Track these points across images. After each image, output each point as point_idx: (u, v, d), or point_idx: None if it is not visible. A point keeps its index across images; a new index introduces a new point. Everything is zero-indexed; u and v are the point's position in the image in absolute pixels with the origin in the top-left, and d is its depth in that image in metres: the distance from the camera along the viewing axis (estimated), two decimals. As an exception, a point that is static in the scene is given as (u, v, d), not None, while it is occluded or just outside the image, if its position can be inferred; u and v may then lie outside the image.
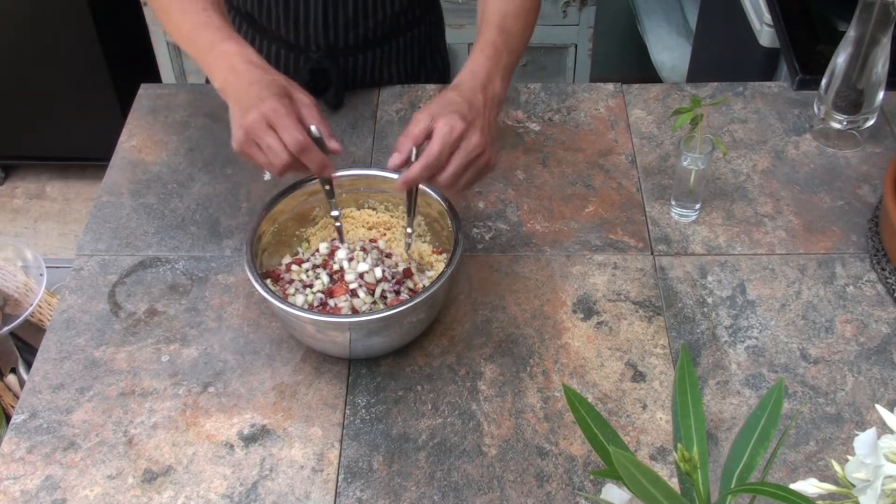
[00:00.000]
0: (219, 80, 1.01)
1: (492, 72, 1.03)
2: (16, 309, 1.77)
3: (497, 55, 1.04)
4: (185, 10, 1.05)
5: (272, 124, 0.94)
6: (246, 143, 0.96)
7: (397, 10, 1.30)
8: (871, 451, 0.60)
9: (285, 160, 0.95)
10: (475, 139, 0.97)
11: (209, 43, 1.02)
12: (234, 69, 0.99)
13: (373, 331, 0.97)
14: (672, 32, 2.45)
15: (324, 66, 1.28)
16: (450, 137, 0.96)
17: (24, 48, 2.28)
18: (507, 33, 1.07)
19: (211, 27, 1.03)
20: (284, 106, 0.95)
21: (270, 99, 0.95)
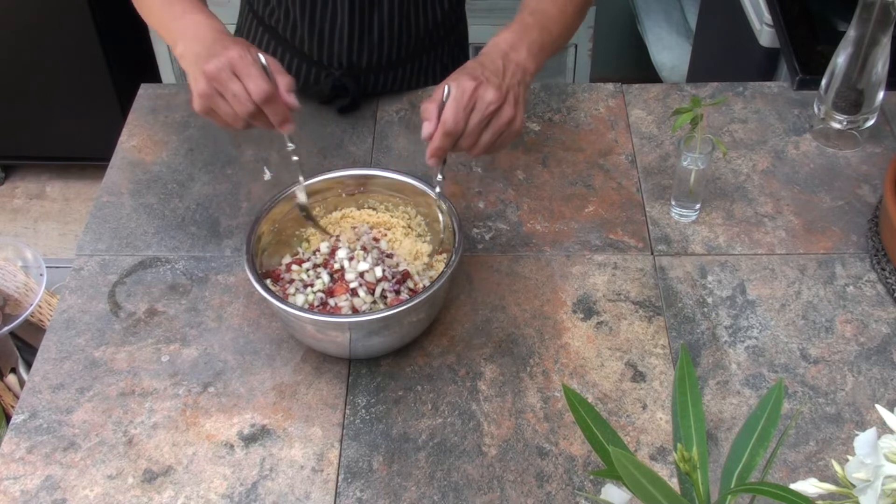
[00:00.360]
0: (180, 47, 1.00)
1: (516, 42, 1.01)
2: (16, 309, 1.77)
3: (524, 30, 1.03)
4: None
5: (237, 72, 0.93)
6: (209, 93, 0.94)
7: (422, 33, 1.29)
8: (871, 451, 0.60)
9: (250, 109, 0.94)
10: (489, 95, 0.95)
11: (178, 13, 1.02)
12: (197, 35, 0.98)
13: (373, 331, 0.97)
14: (672, 32, 2.45)
15: (345, 84, 1.28)
16: (462, 99, 0.94)
17: (24, 48, 2.28)
18: (541, 13, 1.06)
19: (184, 1, 1.03)
20: (251, 54, 0.94)
21: (235, 47, 0.94)
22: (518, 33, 1.03)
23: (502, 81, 0.97)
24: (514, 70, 0.99)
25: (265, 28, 1.31)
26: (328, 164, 1.24)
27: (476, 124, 0.96)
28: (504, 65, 0.99)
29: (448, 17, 1.32)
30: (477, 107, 0.95)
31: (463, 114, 0.94)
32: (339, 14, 1.23)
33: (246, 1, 1.34)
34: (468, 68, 0.97)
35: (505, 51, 1.00)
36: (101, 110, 2.38)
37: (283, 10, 1.25)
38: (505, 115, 0.97)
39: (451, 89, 0.94)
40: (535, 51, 1.02)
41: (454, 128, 0.94)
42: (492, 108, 0.95)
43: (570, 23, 1.09)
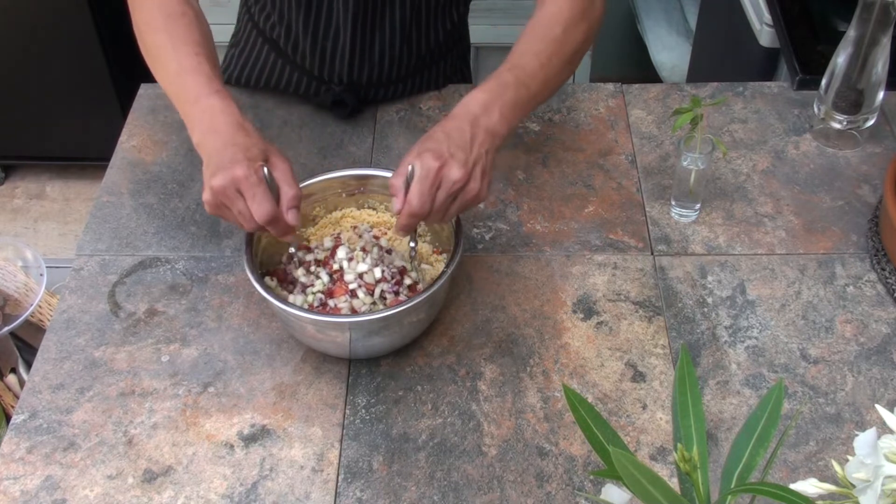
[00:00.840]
0: (196, 136, 0.98)
1: (488, 104, 0.98)
2: (16, 309, 1.77)
3: (500, 89, 1.00)
4: (177, 49, 1.01)
5: (242, 192, 0.92)
6: (215, 204, 0.94)
7: (423, 51, 1.29)
8: (871, 451, 0.60)
9: (253, 226, 0.94)
10: (454, 174, 0.93)
11: (195, 94, 0.99)
12: (214, 127, 0.96)
13: (373, 331, 0.97)
14: (672, 32, 2.45)
15: (345, 99, 1.28)
16: (426, 181, 0.93)
17: (24, 48, 2.28)
18: (521, 68, 1.02)
19: (200, 75, 0.99)
20: (256, 173, 0.92)
21: (242, 164, 0.92)
22: (493, 93, 1.00)
23: (468, 156, 0.95)
24: (483, 139, 0.97)
25: (265, 40, 1.31)
26: (328, 164, 1.24)
27: (441, 203, 0.95)
28: (472, 134, 0.96)
29: (450, 35, 1.32)
30: (442, 186, 0.94)
31: (428, 195, 0.93)
32: (341, 33, 1.22)
33: (246, 12, 1.33)
34: (434, 141, 0.95)
35: (476, 115, 0.98)
36: (101, 110, 2.38)
37: (285, 27, 1.25)
38: (470, 190, 0.95)
39: (416, 169, 0.93)
40: (507, 113, 0.99)
41: (420, 210, 0.93)
42: (457, 187, 0.94)
43: (552, 77, 1.06)
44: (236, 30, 1.38)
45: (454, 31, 1.32)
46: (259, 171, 0.93)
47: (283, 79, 1.30)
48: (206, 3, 1.12)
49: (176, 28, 1.03)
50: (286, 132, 1.29)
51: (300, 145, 1.27)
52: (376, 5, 1.20)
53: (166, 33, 1.03)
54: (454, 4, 1.28)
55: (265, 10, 1.27)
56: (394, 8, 1.21)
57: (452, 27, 1.30)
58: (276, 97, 1.33)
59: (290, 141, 1.28)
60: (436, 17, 1.27)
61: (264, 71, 1.31)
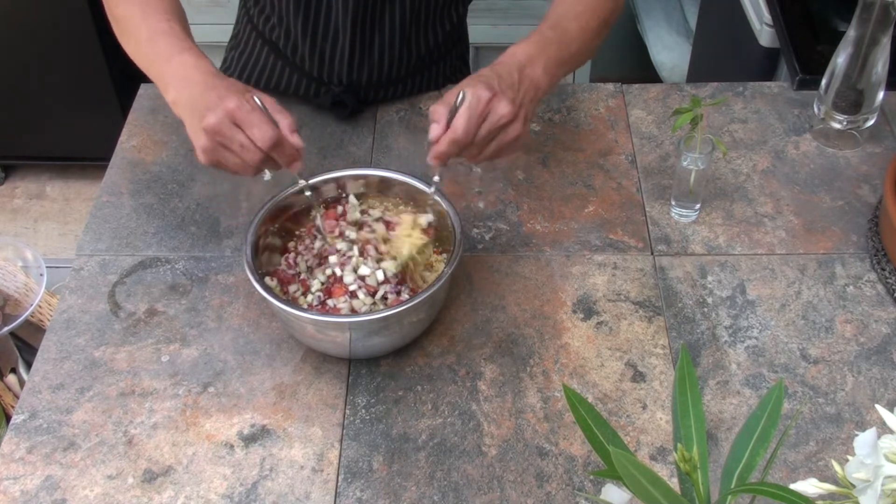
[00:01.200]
0: (172, 93, 0.97)
1: (533, 56, 0.99)
2: (16, 309, 1.77)
3: (544, 44, 1.01)
4: (147, 17, 1.01)
5: (238, 122, 0.91)
6: (212, 147, 0.92)
7: (423, 52, 1.29)
8: (871, 451, 0.60)
9: (259, 157, 0.92)
10: (502, 108, 0.94)
11: (166, 53, 0.98)
12: (188, 79, 0.95)
13: (373, 331, 0.97)
14: (672, 32, 2.45)
15: (344, 101, 1.28)
16: (476, 108, 0.93)
17: (24, 48, 2.28)
18: (562, 29, 1.04)
19: (171, 36, 0.99)
20: (248, 101, 0.92)
21: (232, 97, 0.92)
22: (537, 46, 1.01)
23: (516, 96, 0.96)
24: (529, 86, 0.98)
25: (264, 41, 1.31)
26: (328, 164, 1.24)
27: (485, 135, 0.95)
28: (519, 79, 0.97)
29: (450, 36, 1.32)
30: (489, 118, 0.94)
31: (475, 124, 0.93)
32: (340, 35, 1.22)
33: (245, 14, 1.33)
34: (484, 76, 0.96)
35: (522, 64, 0.99)
36: (101, 110, 2.38)
37: (284, 29, 1.25)
38: (513, 130, 0.96)
39: (467, 96, 0.93)
40: (551, 67, 1.00)
41: (464, 137, 0.93)
42: (503, 122, 0.94)
43: (589, 40, 1.07)
44: (235, 31, 1.38)
45: (453, 32, 1.32)
46: (251, 100, 0.93)
47: (282, 80, 1.30)
48: (206, 3, 1.12)
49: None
50: (286, 132, 1.29)
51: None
52: (375, 7, 1.20)
53: (136, 4, 1.03)
54: (453, 5, 1.28)
55: (264, 13, 1.27)
56: (393, 9, 1.21)
57: (452, 27, 1.30)
58: (275, 97, 1.33)
59: (290, 141, 1.28)
60: (435, 17, 1.27)
61: (264, 72, 1.31)
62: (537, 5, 2.27)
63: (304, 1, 1.20)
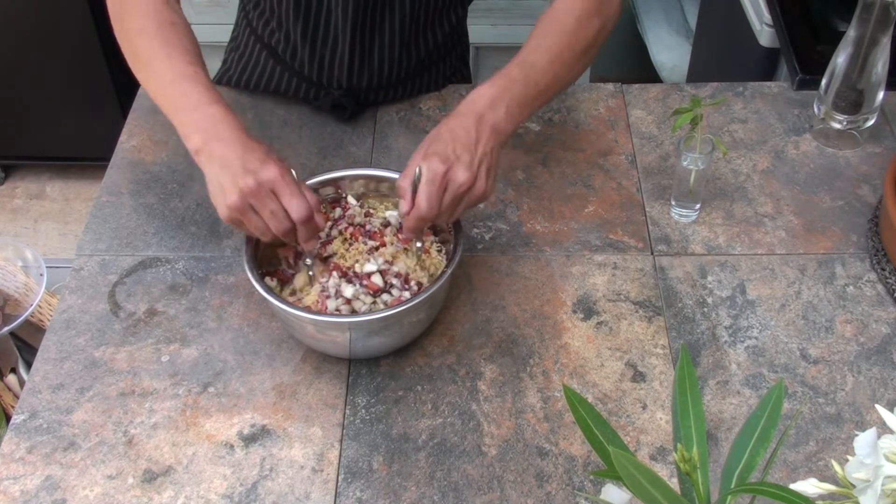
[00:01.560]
0: (196, 142, 0.96)
1: (496, 101, 0.98)
2: (16, 309, 1.77)
3: (508, 85, 1.00)
4: (172, 57, 1.00)
5: (276, 191, 0.92)
6: (241, 207, 0.92)
7: (423, 55, 1.29)
8: (871, 451, 0.60)
9: (287, 228, 0.93)
10: (460, 177, 0.94)
11: (195, 101, 0.97)
12: (217, 134, 0.95)
13: (373, 331, 0.97)
14: (672, 32, 2.45)
15: (344, 104, 1.28)
16: (433, 185, 0.93)
17: (25, 48, 2.28)
18: (530, 65, 1.02)
19: (199, 84, 0.98)
20: (289, 174, 0.93)
21: (274, 165, 0.92)
22: (500, 89, 1.00)
23: (473, 157, 0.95)
24: (489, 137, 0.97)
25: (263, 46, 1.30)
26: (328, 164, 1.24)
27: (449, 205, 0.95)
28: (477, 133, 0.96)
29: (449, 37, 1.31)
30: (449, 188, 0.94)
31: (436, 199, 0.94)
32: (339, 40, 1.22)
33: (244, 17, 1.33)
34: (440, 143, 0.95)
35: (481, 113, 0.98)
36: (101, 110, 2.38)
37: (284, 33, 1.25)
38: (477, 191, 0.96)
39: (423, 172, 0.94)
40: (513, 109, 0.99)
41: (428, 213, 0.94)
42: (463, 189, 0.95)
43: (562, 73, 1.05)
44: (235, 33, 1.38)
45: (453, 33, 1.32)
46: (290, 172, 0.93)
47: (282, 83, 1.30)
48: (206, 3, 1.12)
49: (169, 35, 1.02)
50: (286, 132, 1.29)
51: (300, 145, 1.27)
52: (374, 12, 1.20)
53: (158, 39, 1.02)
54: (452, 7, 1.27)
55: (263, 17, 1.27)
56: (392, 14, 1.21)
57: (451, 29, 1.30)
58: (275, 99, 1.33)
59: (290, 141, 1.28)
60: (434, 20, 1.27)
61: (263, 75, 1.31)
62: (537, 5, 2.27)
63: (303, 6, 1.20)
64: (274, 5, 1.22)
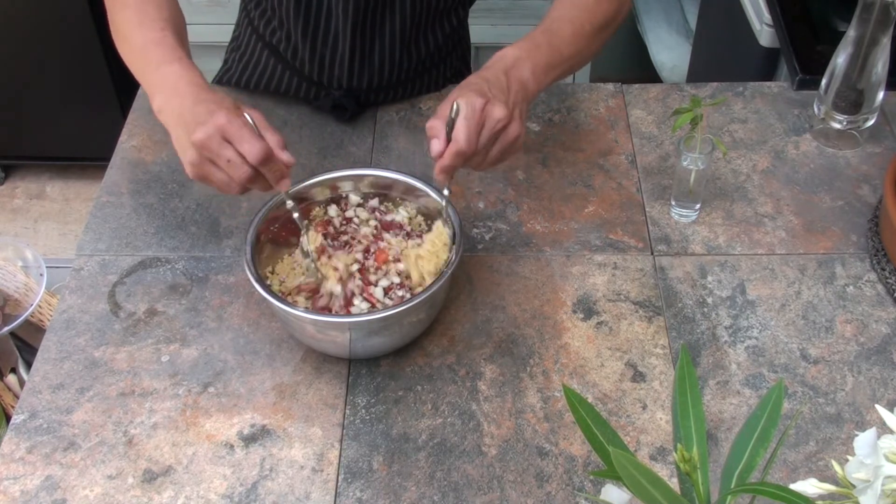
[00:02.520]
0: (158, 101, 0.95)
1: (520, 59, 1.00)
2: (16, 309, 1.77)
3: (532, 48, 1.01)
4: (143, 25, 1.01)
5: (228, 137, 0.90)
6: (200, 161, 0.91)
7: (423, 55, 1.29)
8: (871, 451, 0.60)
9: (247, 173, 0.91)
10: (497, 112, 0.94)
11: (156, 61, 0.97)
12: (176, 90, 0.94)
13: (373, 331, 0.97)
14: (672, 32, 2.45)
15: (344, 104, 1.28)
16: (473, 117, 0.93)
17: (25, 48, 2.28)
18: (553, 32, 1.03)
19: (163, 46, 0.98)
20: (239, 117, 0.91)
21: (222, 112, 0.90)
22: (525, 51, 1.01)
23: (508, 97, 0.96)
24: (517, 87, 0.98)
25: (264, 44, 1.30)
26: (328, 164, 1.24)
27: (486, 141, 0.95)
28: (508, 81, 0.97)
29: (450, 38, 1.31)
30: (486, 124, 0.94)
31: (475, 132, 0.93)
32: (339, 41, 1.22)
33: (245, 16, 1.33)
34: (473, 85, 0.96)
35: (508, 66, 0.99)
36: (101, 110, 2.38)
37: (285, 33, 1.25)
38: (512, 131, 0.96)
39: (461, 107, 0.93)
40: (539, 71, 1.01)
41: (467, 147, 0.93)
42: (500, 126, 0.95)
43: (584, 45, 1.06)
44: (236, 33, 1.38)
45: (454, 35, 1.32)
46: (241, 116, 0.92)
47: (282, 83, 1.30)
48: (206, 3, 1.12)
49: (145, 6, 1.02)
50: (286, 132, 1.29)
51: (300, 145, 1.27)
52: (375, 13, 1.20)
53: (134, 10, 1.03)
54: (453, 8, 1.28)
55: (265, 16, 1.27)
56: (393, 15, 1.21)
57: (452, 30, 1.30)
58: (275, 99, 1.33)
59: (290, 141, 1.28)
60: (435, 21, 1.27)
61: (264, 75, 1.31)
62: (537, 5, 2.27)
63: (304, 6, 1.20)
64: (275, 5, 1.22)
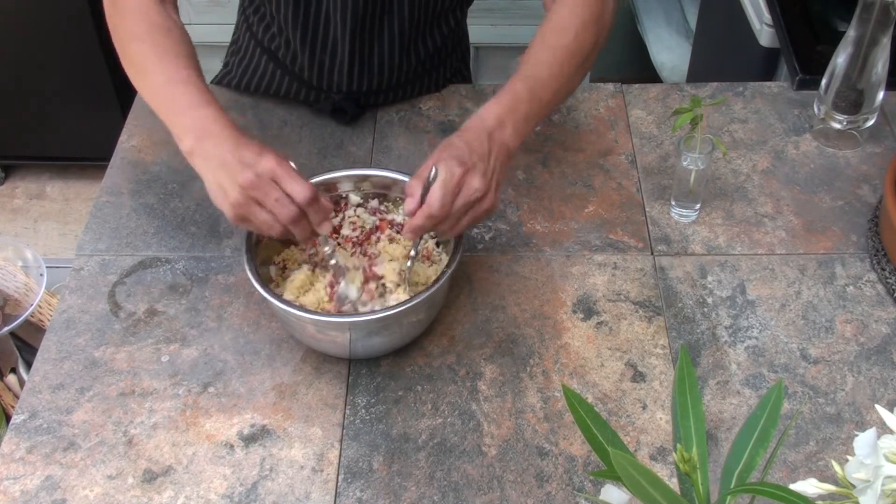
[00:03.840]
0: (188, 143, 0.96)
1: (503, 119, 0.99)
2: (16, 309, 1.77)
3: (514, 103, 1.00)
4: (164, 61, 1.00)
5: (277, 178, 0.91)
6: (245, 202, 0.92)
7: (423, 58, 1.29)
8: (871, 452, 0.60)
9: (294, 212, 0.91)
10: (475, 183, 0.94)
11: (187, 103, 0.97)
12: (210, 133, 0.94)
13: (373, 331, 0.97)
14: (672, 32, 2.45)
15: (344, 108, 1.28)
16: (450, 183, 0.93)
17: (25, 48, 2.28)
18: (533, 79, 1.03)
19: (192, 86, 0.98)
20: (286, 162, 0.92)
21: (270, 155, 0.91)
22: (506, 108, 1.00)
23: (487, 167, 0.96)
24: (499, 152, 0.97)
25: (263, 50, 1.30)
26: (328, 165, 1.24)
27: (459, 210, 0.95)
28: (490, 146, 0.97)
29: (449, 39, 1.31)
30: (462, 193, 0.94)
31: (449, 199, 0.93)
32: (338, 47, 1.22)
33: (244, 21, 1.33)
34: (456, 149, 0.95)
35: (491, 129, 0.98)
36: (101, 110, 2.38)
37: (284, 39, 1.25)
38: (486, 203, 0.96)
39: (440, 172, 0.93)
40: (520, 127, 1.00)
41: (440, 212, 0.93)
42: (476, 196, 0.94)
43: (563, 85, 1.06)
44: (235, 36, 1.38)
45: (453, 35, 1.32)
46: (287, 161, 0.93)
47: (282, 87, 1.30)
48: (206, 3, 1.12)
49: (162, 40, 1.02)
50: (286, 132, 1.29)
51: (300, 145, 1.27)
52: (373, 18, 1.20)
53: (151, 44, 1.01)
54: (451, 10, 1.27)
55: (264, 21, 1.27)
56: (391, 19, 1.21)
57: (450, 32, 1.30)
58: (275, 102, 1.33)
59: (290, 141, 1.28)
60: (433, 24, 1.26)
61: (264, 78, 1.31)
62: (537, 5, 2.25)
63: (302, 13, 1.19)
64: (273, 11, 1.22)
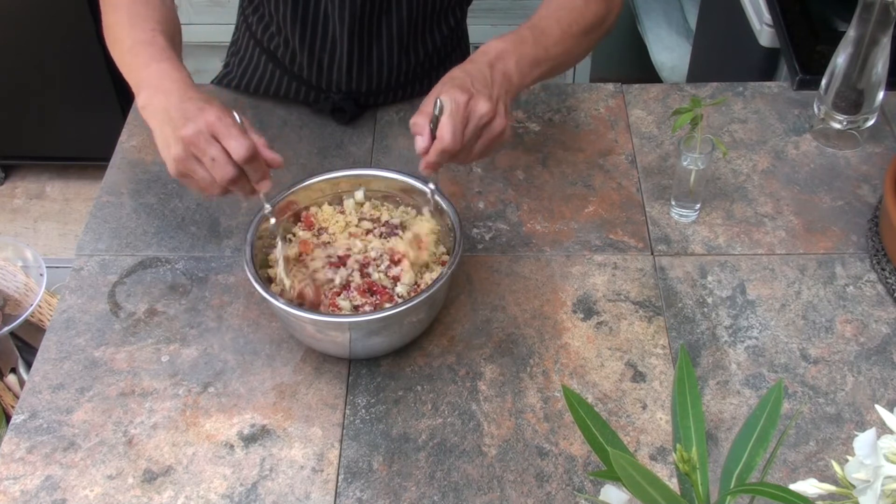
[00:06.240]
0: (142, 97, 0.95)
1: (505, 52, 0.99)
2: (16, 309, 1.77)
3: (518, 41, 1.01)
4: (134, 26, 1.01)
5: (216, 134, 0.89)
6: (185, 157, 0.90)
7: (422, 58, 1.29)
8: (870, 452, 0.60)
9: (231, 173, 0.90)
10: (481, 107, 0.93)
11: (145, 60, 0.97)
12: (161, 86, 0.94)
13: (373, 331, 0.97)
14: (672, 32, 2.45)
15: (344, 108, 1.28)
16: (457, 113, 0.92)
17: (25, 48, 2.28)
18: (540, 30, 1.03)
19: (154, 46, 0.98)
20: (228, 115, 0.90)
21: (212, 109, 0.90)
22: (510, 44, 1.01)
23: (492, 91, 0.96)
24: (501, 80, 0.97)
25: (262, 50, 1.30)
26: (328, 165, 1.24)
27: (471, 137, 0.94)
28: (491, 74, 0.97)
29: (449, 39, 1.31)
30: (471, 120, 0.94)
31: (459, 129, 0.93)
32: (337, 46, 1.22)
33: (244, 21, 1.33)
34: (457, 79, 0.95)
35: (492, 59, 0.98)
36: (101, 110, 2.38)
37: (283, 38, 1.25)
38: (497, 125, 0.96)
39: (444, 103, 0.92)
40: (523, 64, 1.00)
41: (452, 144, 0.93)
42: (485, 121, 0.94)
43: (572, 45, 1.06)
44: (235, 37, 1.38)
45: (452, 36, 1.32)
46: (231, 115, 0.91)
47: (282, 87, 1.30)
48: (206, 3, 1.12)
49: (138, 8, 1.02)
50: (286, 132, 1.29)
51: (300, 145, 1.27)
52: (372, 17, 1.20)
53: (126, 12, 1.03)
54: (451, 10, 1.27)
55: (262, 21, 1.27)
56: (390, 19, 1.21)
57: (450, 32, 1.30)
58: (275, 102, 1.33)
59: (290, 141, 1.28)
60: (433, 23, 1.26)
61: (263, 78, 1.31)
62: (537, 5, 2.26)
63: (301, 12, 1.19)
64: (272, 11, 1.22)
